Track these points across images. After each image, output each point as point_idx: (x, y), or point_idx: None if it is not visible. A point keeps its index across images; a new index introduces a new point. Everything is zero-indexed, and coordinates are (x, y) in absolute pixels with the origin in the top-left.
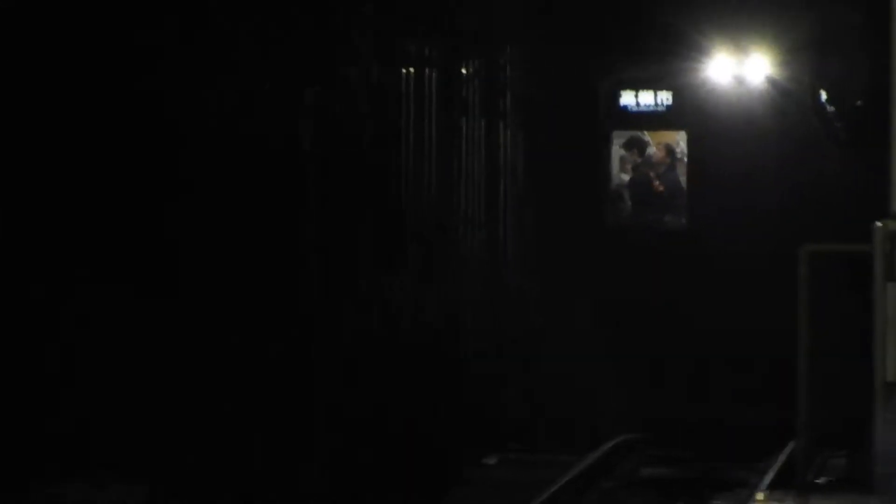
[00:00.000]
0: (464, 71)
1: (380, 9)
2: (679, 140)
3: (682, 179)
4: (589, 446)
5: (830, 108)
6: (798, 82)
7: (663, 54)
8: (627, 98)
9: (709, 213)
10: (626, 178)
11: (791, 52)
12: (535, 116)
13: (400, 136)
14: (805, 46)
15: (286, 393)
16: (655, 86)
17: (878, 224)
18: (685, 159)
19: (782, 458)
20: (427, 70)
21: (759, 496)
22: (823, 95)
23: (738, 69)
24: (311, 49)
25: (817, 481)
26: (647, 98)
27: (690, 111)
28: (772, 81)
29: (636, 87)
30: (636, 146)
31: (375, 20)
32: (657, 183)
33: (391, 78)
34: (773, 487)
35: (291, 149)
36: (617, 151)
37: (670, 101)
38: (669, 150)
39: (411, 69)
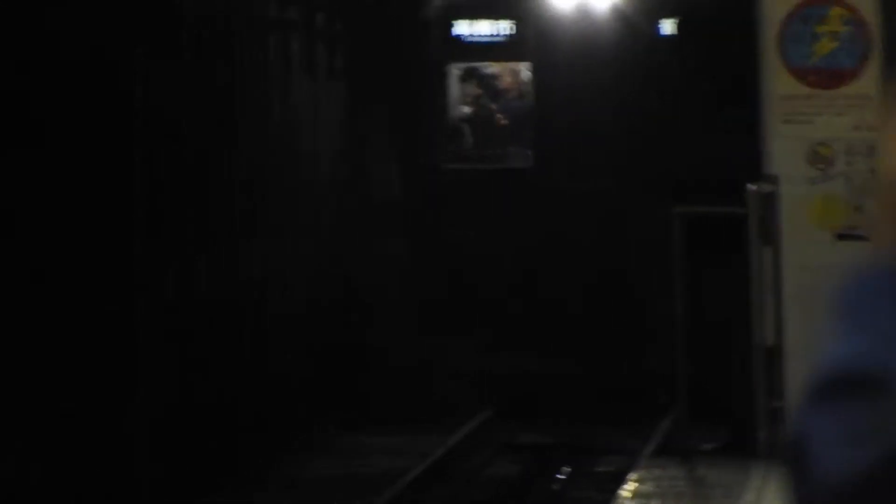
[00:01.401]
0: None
1: None
2: (524, 70)
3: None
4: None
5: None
6: (645, 13)
7: None
8: (462, 27)
9: (555, 149)
10: (467, 111)
11: None
12: (361, 55)
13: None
14: None
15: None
16: (494, 14)
17: (753, 187)
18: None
19: (665, 424)
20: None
21: (643, 462)
22: (668, 27)
23: None
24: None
25: (703, 448)
26: (484, 27)
27: (534, 42)
28: (617, 10)
29: (473, 15)
30: (475, 77)
31: None
32: (500, 116)
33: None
34: (655, 455)
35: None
36: (456, 85)
37: (513, 31)
38: (515, 76)
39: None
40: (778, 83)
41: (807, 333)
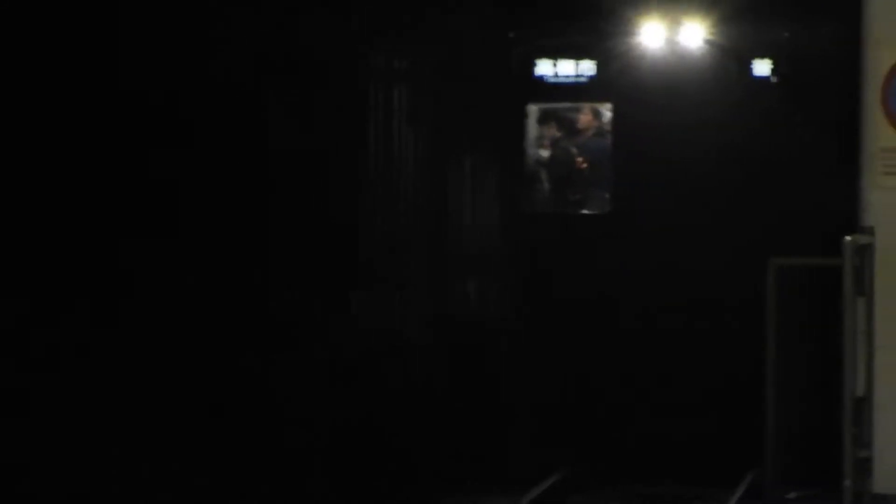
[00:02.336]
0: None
1: None
2: (604, 111)
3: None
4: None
5: (774, 79)
6: (738, 50)
7: (588, 22)
8: (544, 67)
9: (638, 195)
10: (545, 155)
11: (729, 18)
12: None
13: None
14: (743, 11)
15: None
16: (577, 54)
17: (848, 238)
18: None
19: (749, 476)
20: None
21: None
22: (765, 65)
23: (672, 33)
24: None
25: (788, 497)
26: (567, 67)
27: (616, 81)
28: (711, 45)
29: (556, 55)
30: (553, 119)
31: None
32: (580, 159)
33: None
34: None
35: None
36: (533, 126)
37: (594, 72)
38: (596, 114)
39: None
40: (879, 135)
41: None
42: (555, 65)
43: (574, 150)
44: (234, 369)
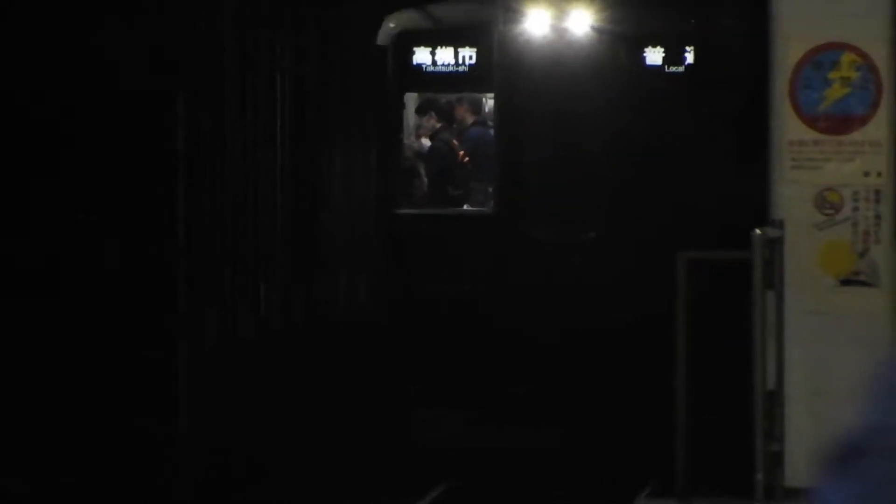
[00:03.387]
0: None
1: None
2: (487, 102)
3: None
4: None
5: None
6: (629, 37)
7: (469, 7)
8: (423, 55)
9: (523, 194)
10: (423, 147)
11: (619, 4)
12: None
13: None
14: None
15: None
16: (457, 41)
17: (757, 232)
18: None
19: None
20: None
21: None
22: (657, 54)
23: (559, 20)
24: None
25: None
26: (446, 55)
27: (499, 70)
28: (600, 32)
29: (435, 42)
30: (433, 109)
31: None
32: (461, 152)
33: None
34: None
35: None
36: (411, 117)
37: (475, 60)
38: (478, 104)
39: None
40: (788, 128)
41: (808, 378)
42: (433, 52)
43: (455, 143)
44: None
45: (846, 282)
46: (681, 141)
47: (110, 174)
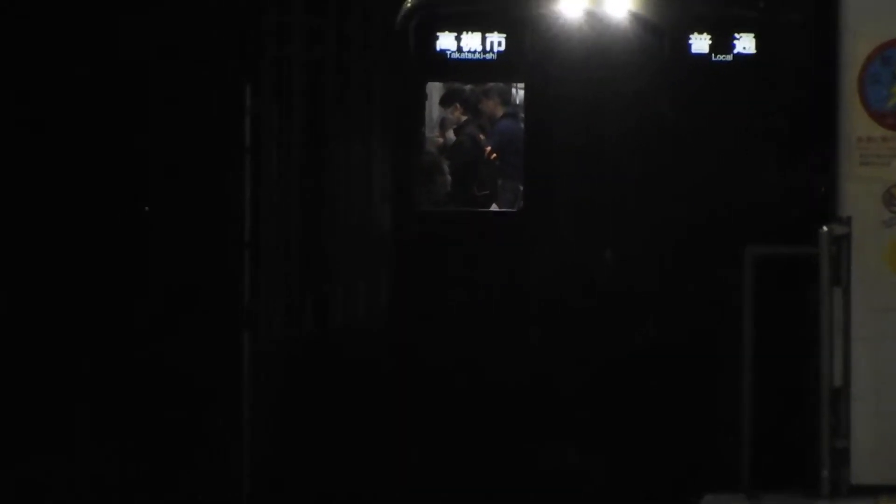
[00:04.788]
0: None
1: None
2: (517, 93)
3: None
4: None
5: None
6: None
7: None
8: (447, 41)
9: (555, 188)
10: (447, 142)
11: None
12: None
13: None
14: None
15: None
16: (485, 26)
17: (825, 228)
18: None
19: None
20: None
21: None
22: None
23: (594, 3)
24: None
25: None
26: (473, 41)
27: (530, 58)
28: (639, 18)
29: (460, 27)
30: (458, 100)
31: None
32: (489, 147)
33: None
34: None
35: None
36: (434, 109)
37: (504, 47)
38: (503, 97)
39: None
40: (856, 124)
41: (874, 375)
42: (459, 38)
43: (482, 137)
44: None
45: None
46: (729, 133)
47: (177, 165)
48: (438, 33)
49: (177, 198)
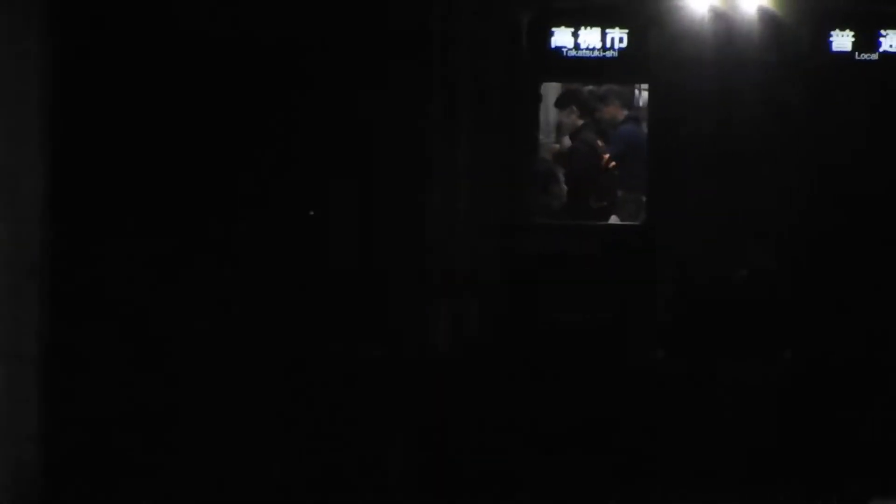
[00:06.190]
0: None
1: None
2: (639, 94)
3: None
4: None
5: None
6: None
7: None
8: (563, 37)
9: (681, 199)
10: (563, 148)
11: None
12: None
13: None
14: None
15: None
16: (604, 21)
17: None
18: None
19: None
20: None
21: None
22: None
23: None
24: None
25: None
26: (591, 37)
27: (654, 55)
28: (774, 12)
29: (578, 21)
30: (575, 102)
31: None
32: (607, 154)
33: None
34: None
35: None
36: (549, 112)
37: (625, 43)
38: (628, 97)
39: None
40: None
41: None
42: (576, 34)
43: (600, 143)
44: None
45: None
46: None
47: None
48: (553, 29)
49: None
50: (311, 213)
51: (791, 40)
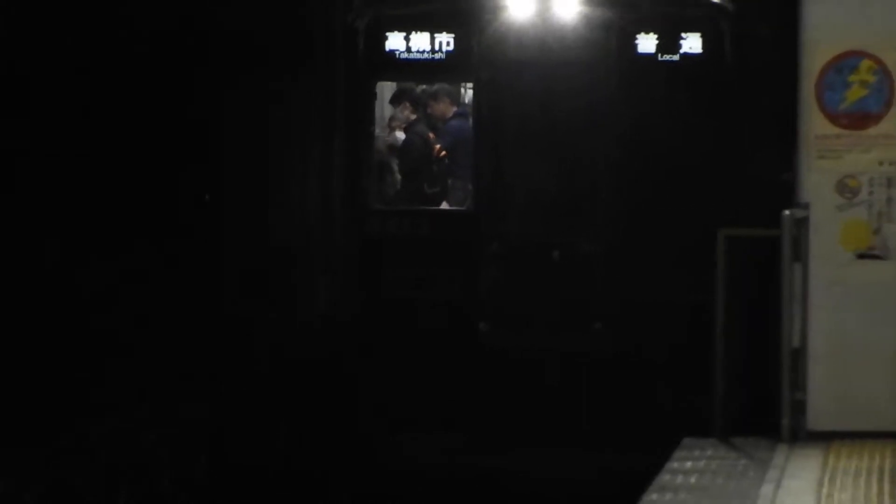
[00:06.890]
0: None
1: None
2: (466, 92)
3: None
4: None
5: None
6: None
7: None
8: (396, 40)
9: (503, 193)
10: (399, 138)
11: None
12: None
13: None
14: None
15: None
16: (434, 27)
17: (787, 212)
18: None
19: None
20: None
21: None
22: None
23: (544, 4)
24: None
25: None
26: (422, 41)
27: (479, 58)
28: (589, 18)
29: (409, 27)
30: (408, 99)
31: None
32: (438, 146)
33: None
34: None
35: None
36: (384, 108)
37: (453, 47)
38: (456, 94)
39: None
40: (814, 124)
41: (829, 338)
42: (408, 38)
43: (431, 136)
44: None
45: (862, 256)
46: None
47: None
48: (388, 33)
49: None
50: (207, 197)
51: (602, 43)
